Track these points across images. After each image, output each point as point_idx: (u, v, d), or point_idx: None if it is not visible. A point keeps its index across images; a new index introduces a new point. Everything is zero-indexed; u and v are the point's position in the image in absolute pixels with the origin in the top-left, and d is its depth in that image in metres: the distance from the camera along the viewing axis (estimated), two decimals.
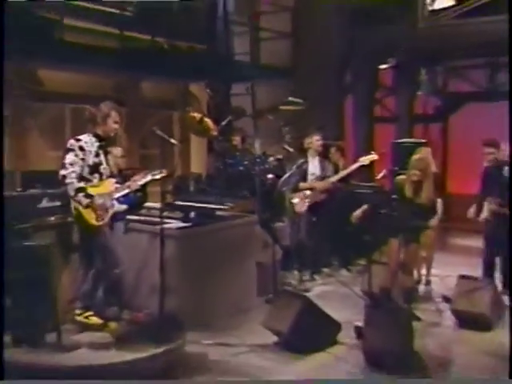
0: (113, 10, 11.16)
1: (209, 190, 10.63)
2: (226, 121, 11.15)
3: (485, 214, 8.63)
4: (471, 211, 9.11)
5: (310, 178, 10.03)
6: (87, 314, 6.63)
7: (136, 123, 12.60)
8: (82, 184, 6.40)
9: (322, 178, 10.04)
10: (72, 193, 6.36)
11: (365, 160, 10.01)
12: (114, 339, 6.46)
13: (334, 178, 10.01)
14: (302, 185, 9.89)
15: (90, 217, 6.48)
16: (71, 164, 6.36)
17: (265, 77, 13.79)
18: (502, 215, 8.48)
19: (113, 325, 6.78)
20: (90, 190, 6.46)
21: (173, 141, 7.51)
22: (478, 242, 9.79)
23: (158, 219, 7.23)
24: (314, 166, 10.10)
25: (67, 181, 6.33)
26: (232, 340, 7.15)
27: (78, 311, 6.64)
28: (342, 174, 10.11)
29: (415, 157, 8.04)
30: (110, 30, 10.99)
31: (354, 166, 10.11)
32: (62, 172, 6.35)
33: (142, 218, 8.16)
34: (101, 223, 6.54)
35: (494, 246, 8.88)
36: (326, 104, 13.54)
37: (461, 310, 7.82)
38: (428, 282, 9.60)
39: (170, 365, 6.30)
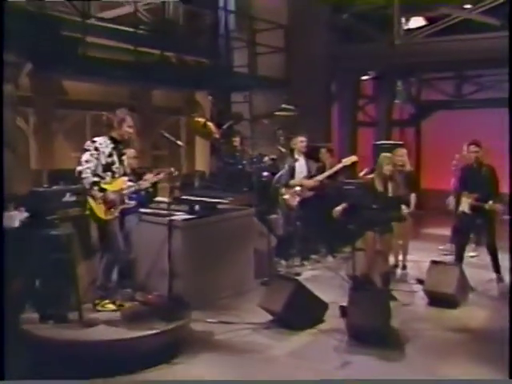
0: (128, 29, 11.14)
1: (212, 186, 10.60)
2: (227, 125, 11.14)
3: (463, 208, 8.57)
4: (451, 203, 9.09)
5: (297, 176, 9.93)
6: (103, 302, 6.55)
7: (148, 127, 12.57)
8: (96, 179, 6.34)
9: (309, 176, 9.93)
10: (87, 186, 6.31)
11: (346, 161, 9.93)
12: (128, 318, 6.41)
13: (320, 177, 9.90)
14: (292, 182, 9.81)
15: (100, 211, 6.42)
16: (86, 161, 6.31)
17: (261, 87, 13.76)
18: (478, 209, 8.46)
19: (128, 305, 6.72)
20: (104, 186, 6.41)
21: (179, 142, 7.50)
22: (448, 231, 9.80)
23: (166, 212, 7.21)
24: (300, 165, 9.98)
25: (83, 175, 6.28)
26: (232, 318, 7.12)
27: (96, 301, 6.56)
28: (327, 173, 9.97)
29: (384, 155, 7.97)
30: (125, 46, 10.95)
31: (338, 167, 10.01)
32: (79, 168, 6.31)
33: (153, 210, 8.11)
34: (109, 217, 6.48)
35: (468, 235, 8.92)
36: (315, 110, 13.49)
37: (431, 291, 7.79)
38: (404, 267, 9.53)
39: (178, 340, 6.28)
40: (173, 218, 7.30)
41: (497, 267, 8.77)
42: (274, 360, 6.15)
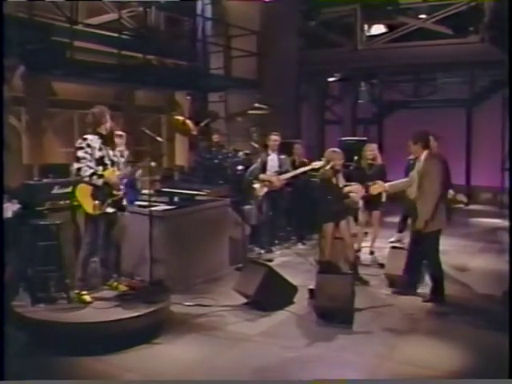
0: (113, 34, 11.03)
1: (190, 179, 10.56)
2: (204, 123, 11.08)
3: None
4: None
5: (269, 170, 9.85)
6: (80, 294, 6.41)
7: (131, 124, 12.45)
8: (92, 170, 6.25)
9: (279, 171, 9.81)
10: (87, 178, 6.23)
11: (315, 165, 9.80)
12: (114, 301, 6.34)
13: (285, 176, 9.74)
14: (261, 176, 9.70)
15: (89, 206, 6.31)
16: (83, 158, 6.23)
17: (236, 87, 13.73)
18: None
19: (122, 286, 6.67)
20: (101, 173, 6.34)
21: (159, 138, 7.38)
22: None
23: (148, 203, 7.13)
24: (272, 160, 9.89)
25: (82, 171, 6.21)
26: (208, 301, 7.06)
27: (76, 291, 6.43)
28: (292, 173, 9.80)
29: (333, 150, 7.89)
30: (110, 50, 10.84)
31: (305, 169, 9.89)
32: (77, 165, 6.25)
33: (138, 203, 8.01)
34: (97, 212, 6.36)
35: None
36: (286, 109, 13.44)
37: (390, 274, 7.78)
38: (372, 252, 9.53)
39: (158, 322, 6.24)
40: (153, 208, 7.23)
41: None
42: (248, 339, 6.12)
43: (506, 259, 9.38)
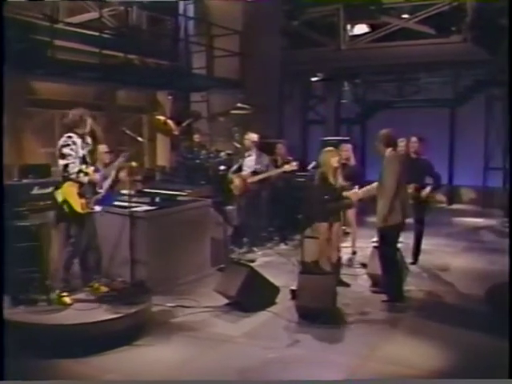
0: (93, 33, 10.97)
1: (172, 180, 10.55)
2: (186, 123, 11.07)
3: None
4: None
5: (245, 169, 9.86)
6: (62, 294, 6.38)
7: (113, 124, 12.40)
8: (79, 167, 6.28)
9: (256, 171, 9.80)
10: (74, 175, 6.24)
11: (287, 168, 9.81)
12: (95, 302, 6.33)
13: (254, 179, 9.72)
14: (231, 176, 9.72)
15: (76, 204, 6.30)
16: (69, 155, 6.25)
17: (218, 87, 13.69)
18: (415, 199, 8.52)
19: (103, 288, 6.65)
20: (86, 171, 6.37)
21: (139, 138, 7.37)
22: None
23: (128, 203, 7.09)
24: (250, 159, 9.90)
25: (70, 168, 6.23)
26: (190, 303, 7.05)
27: (57, 291, 6.41)
28: (261, 176, 9.76)
29: (328, 149, 7.90)
30: (91, 49, 10.79)
31: (276, 172, 9.91)
32: (64, 162, 6.25)
33: (117, 203, 7.99)
34: (85, 211, 6.36)
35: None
36: (268, 109, 13.46)
37: (373, 274, 7.80)
38: (354, 252, 9.60)
39: (140, 323, 6.23)
40: (134, 209, 7.23)
41: (417, 253, 8.95)
42: (230, 340, 6.13)
43: (488, 258, 9.55)
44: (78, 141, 6.36)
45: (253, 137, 9.96)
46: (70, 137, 6.33)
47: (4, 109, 6.00)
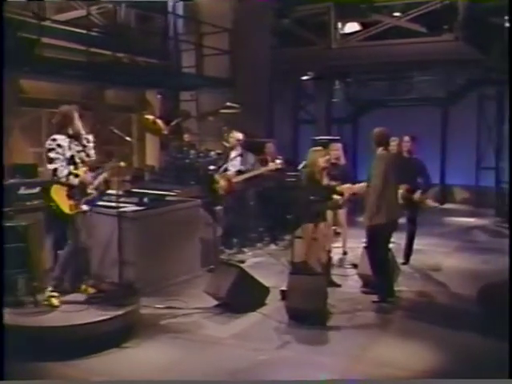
0: (81, 31, 10.94)
1: (161, 179, 10.54)
2: (175, 122, 11.05)
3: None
4: None
5: (230, 169, 9.86)
6: (52, 295, 6.36)
7: (101, 124, 12.37)
8: (67, 170, 6.26)
9: (239, 171, 9.79)
10: (64, 179, 6.23)
11: (272, 166, 9.81)
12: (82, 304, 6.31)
13: (240, 178, 9.73)
14: (216, 176, 9.73)
15: (65, 205, 6.28)
16: (57, 159, 6.22)
17: (207, 86, 13.71)
18: (407, 199, 8.52)
19: (91, 289, 6.63)
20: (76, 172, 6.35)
21: (127, 138, 7.35)
22: None
23: (117, 204, 7.09)
24: (234, 159, 9.88)
25: (58, 172, 6.21)
26: (179, 304, 7.05)
27: (47, 292, 6.38)
28: (247, 175, 9.77)
29: (315, 149, 7.90)
30: (79, 47, 10.76)
31: (260, 171, 9.89)
32: (51, 166, 6.23)
33: (105, 203, 7.96)
34: (73, 212, 6.34)
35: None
36: (258, 109, 13.46)
37: (364, 274, 7.81)
38: (345, 253, 9.63)
39: (128, 325, 6.21)
40: (123, 209, 7.22)
41: (408, 254, 8.97)
42: (219, 342, 6.13)
43: (481, 258, 9.60)
44: (65, 142, 6.33)
45: (238, 136, 9.97)
46: (54, 140, 6.30)
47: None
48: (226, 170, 9.76)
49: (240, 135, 9.98)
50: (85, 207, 6.51)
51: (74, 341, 5.73)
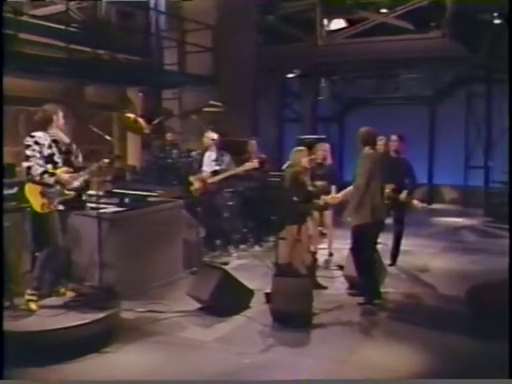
0: (60, 26, 10.88)
1: (142, 180, 10.51)
2: (157, 121, 11.04)
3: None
4: None
5: (205, 170, 9.86)
6: (29, 298, 6.32)
7: (81, 122, 12.32)
8: (43, 168, 6.22)
9: (214, 171, 9.79)
10: (38, 177, 6.19)
11: (248, 166, 9.81)
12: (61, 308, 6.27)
13: (215, 179, 9.73)
14: (190, 178, 9.73)
15: (37, 204, 6.25)
16: (33, 156, 6.19)
17: (190, 84, 13.70)
18: (394, 199, 8.55)
19: (70, 293, 6.62)
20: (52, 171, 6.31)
21: (107, 137, 7.32)
22: None
23: (96, 204, 7.06)
24: (210, 159, 9.91)
25: (32, 170, 6.17)
26: (161, 307, 7.02)
27: (26, 295, 6.34)
28: (222, 176, 9.76)
29: (298, 149, 7.93)
30: (57, 43, 10.70)
31: (236, 171, 9.86)
32: (27, 164, 6.19)
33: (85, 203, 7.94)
34: (46, 211, 6.30)
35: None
36: (242, 107, 13.48)
37: (350, 276, 7.83)
38: (331, 254, 9.66)
39: (108, 329, 6.18)
40: (103, 210, 7.20)
41: (395, 254, 9.01)
42: (202, 346, 6.12)
43: (469, 258, 9.66)
44: (45, 140, 6.31)
45: (212, 135, 9.97)
46: (32, 136, 6.28)
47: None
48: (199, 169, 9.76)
49: (215, 135, 9.97)
50: (60, 207, 6.44)
51: (53, 346, 5.69)
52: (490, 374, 5.06)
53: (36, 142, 6.25)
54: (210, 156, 9.86)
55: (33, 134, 6.31)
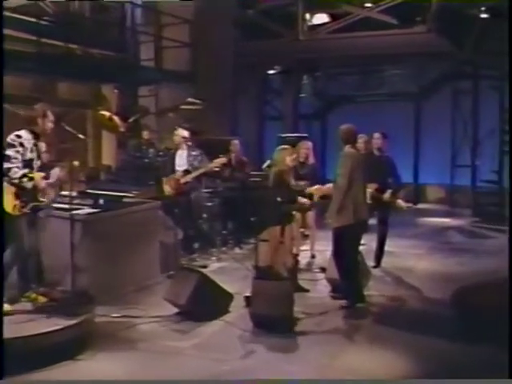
0: (30, 19, 10.80)
1: (118, 180, 10.48)
2: (133, 118, 11.01)
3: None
4: None
5: (177, 169, 9.84)
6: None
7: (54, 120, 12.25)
8: (23, 171, 6.20)
9: (186, 170, 9.74)
10: (17, 180, 6.16)
11: (216, 163, 9.79)
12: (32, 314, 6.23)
13: (187, 178, 9.71)
14: (164, 179, 9.74)
15: (8, 205, 6.21)
16: (15, 158, 6.17)
17: (167, 80, 13.70)
18: (377, 199, 8.57)
19: (41, 298, 6.55)
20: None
21: (80, 135, 7.27)
22: None
23: (69, 206, 6.94)
24: (181, 158, 9.87)
25: (11, 172, 6.14)
26: (137, 312, 6.99)
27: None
28: (194, 174, 9.72)
29: (283, 147, 7.93)
30: (28, 36, 10.62)
31: (205, 169, 9.81)
32: (8, 165, 6.14)
33: (57, 205, 7.88)
34: (17, 213, 6.26)
35: None
36: (222, 104, 13.49)
37: (332, 278, 7.84)
38: (313, 256, 9.69)
39: (82, 336, 6.12)
40: (76, 212, 7.15)
41: (380, 256, 9.06)
42: (180, 352, 6.09)
43: (456, 260, 9.73)
44: (29, 143, 6.30)
45: (183, 133, 9.93)
46: (18, 136, 6.25)
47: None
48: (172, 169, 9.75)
49: (185, 132, 9.94)
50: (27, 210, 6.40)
51: (24, 353, 5.63)
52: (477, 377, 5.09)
53: (21, 144, 6.24)
54: (181, 155, 9.83)
55: (19, 133, 6.29)
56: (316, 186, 8.04)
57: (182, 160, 9.80)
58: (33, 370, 5.51)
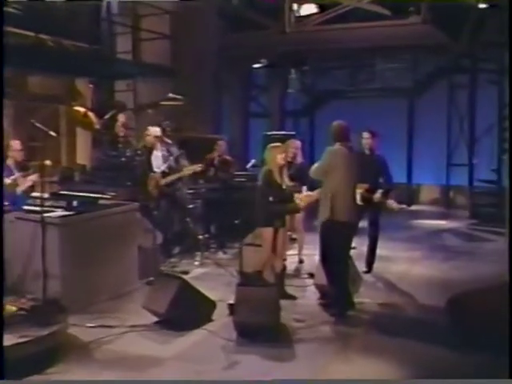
0: None
1: (93, 180, 10.43)
2: (109, 115, 10.97)
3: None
4: None
5: (155, 170, 9.85)
6: None
7: (23, 116, 12.20)
8: None
9: (163, 172, 9.81)
10: None
11: (190, 169, 9.80)
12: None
13: (167, 180, 9.78)
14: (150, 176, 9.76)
15: None
16: None
17: (146, 74, 13.65)
18: (367, 200, 8.57)
19: (9, 307, 6.43)
20: None
21: (52, 133, 7.23)
22: None
23: (41, 208, 6.96)
24: (156, 158, 9.91)
25: None
26: (114, 322, 6.97)
27: None
28: (173, 177, 9.83)
29: (274, 145, 7.94)
30: None
31: (185, 173, 9.93)
32: None
33: (28, 207, 7.85)
34: None
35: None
36: (204, 100, 13.48)
37: (321, 284, 7.84)
38: (301, 261, 9.70)
39: (54, 347, 6.09)
40: (48, 214, 7.12)
41: (371, 261, 9.08)
42: (159, 363, 6.06)
43: (451, 264, 9.76)
44: None
45: (155, 132, 9.92)
46: None
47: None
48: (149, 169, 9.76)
49: (157, 130, 9.93)
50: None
51: None
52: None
53: None
54: (156, 155, 9.81)
55: None
56: (305, 193, 8.04)
57: (157, 161, 9.79)
58: None
